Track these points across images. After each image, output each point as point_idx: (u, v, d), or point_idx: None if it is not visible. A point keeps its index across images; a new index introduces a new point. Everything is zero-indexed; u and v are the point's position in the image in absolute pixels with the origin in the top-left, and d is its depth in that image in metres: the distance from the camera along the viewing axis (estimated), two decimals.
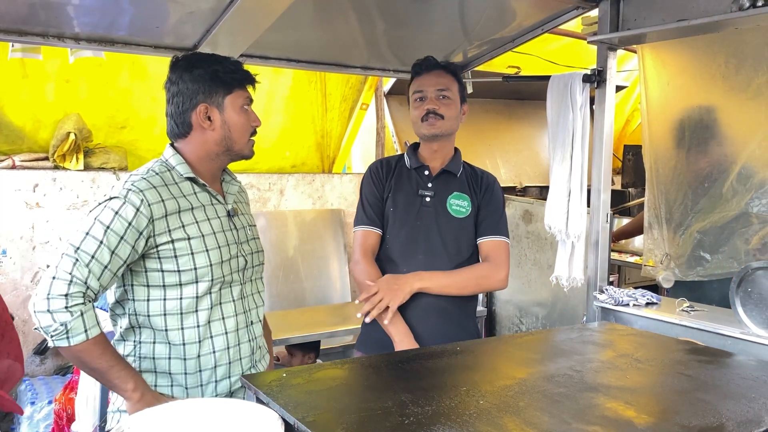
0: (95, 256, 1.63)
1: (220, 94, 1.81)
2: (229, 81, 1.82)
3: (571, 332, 2.15)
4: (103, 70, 3.90)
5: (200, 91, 1.79)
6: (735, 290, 2.13)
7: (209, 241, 1.79)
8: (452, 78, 2.29)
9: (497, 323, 3.89)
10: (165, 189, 1.76)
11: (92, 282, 1.62)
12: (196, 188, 1.84)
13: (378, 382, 1.61)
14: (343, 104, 4.90)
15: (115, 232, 1.65)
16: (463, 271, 2.23)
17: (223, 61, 1.84)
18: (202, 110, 1.80)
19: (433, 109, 2.23)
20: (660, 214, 2.59)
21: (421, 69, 2.29)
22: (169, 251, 1.73)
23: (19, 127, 3.82)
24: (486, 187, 2.33)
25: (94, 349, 1.63)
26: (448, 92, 2.25)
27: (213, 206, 1.85)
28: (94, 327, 1.62)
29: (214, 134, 1.83)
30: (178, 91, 1.81)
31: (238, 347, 1.88)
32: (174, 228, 1.74)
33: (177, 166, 1.82)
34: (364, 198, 2.34)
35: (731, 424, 1.38)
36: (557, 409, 1.43)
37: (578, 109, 2.63)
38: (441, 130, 2.25)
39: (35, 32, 2.37)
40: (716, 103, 2.52)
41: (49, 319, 1.58)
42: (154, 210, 1.70)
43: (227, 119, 1.83)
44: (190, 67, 1.81)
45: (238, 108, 1.84)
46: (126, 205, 1.67)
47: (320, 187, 4.77)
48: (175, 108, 1.82)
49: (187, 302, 1.77)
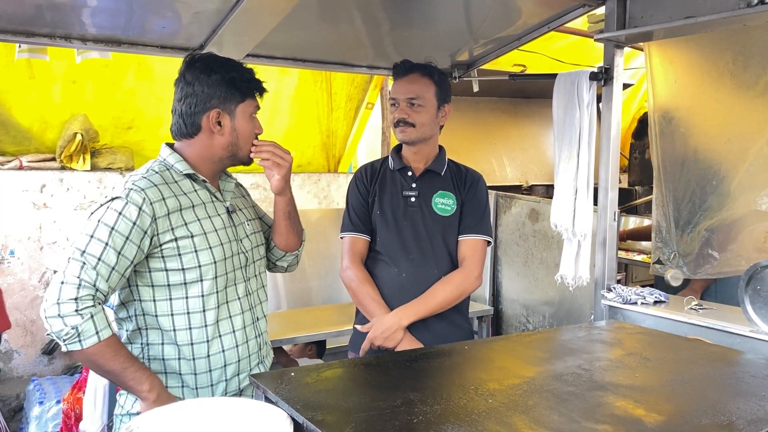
0: (102, 259, 1.63)
1: (233, 102, 1.83)
2: (245, 90, 1.84)
3: (579, 331, 2.15)
4: (109, 70, 3.91)
5: (215, 96, 1.80)
6: (744, 288, 2.11)
7: (212, 238, 1.79)
8: (429, 81, 2.29)
9: (504, 322, 3.88)
10: (166, 187, 1.76)
11: (101, 284, 1.63)
12: (196, 186, 1.84)
13: (386, 381, 1.61)
14: (348, 104, 4.90)
15: (119, 232, 1.65)
16: (443, 287, 2.25)
17: (240, 69, 1.86)
18: (214, 115, 1.81)
19: (403, 118, 2.26)
20: (668, 212, 2.58)
21: (396, 73, 2.32)
22: (173, 249, 1.74)
23: (26, 128, 3.83)
24: (470, 185, 2.35)
25: (107, 351, 1.64)
26: (419, 99, 2.26)
27: (213, 204, 1.86)
28: (105, 329, 1.63)
29: (222, 139, 1.84)
30: (192, 92, 1.81)
31: (246, 344, 1.88)
32: (177, 226, 1.74)
33: (175, 164, 1.82)
34: (350, 204, 2.38)
35: (741, 422, 1.37)
36: (566, 407, 1.42)
37: (585, 107, 2.62)
38: (411, 138, 2.29)
39: (42, 33, 2.38)
40: (724, 100, 2.51)
41: (61, 324, 1.58)
42: (156, 208, 1.71)
43: (237, 126, 1.84)
44: (209, 70, 1.81)
45: (248, 116, 1.86)
46: (129, 205, 1.68)
47: (326, 187, 4.78)
48: (186, 108, 1.82)
49: (193, 302, 1.77)
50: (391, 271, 2.29)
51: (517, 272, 3.77)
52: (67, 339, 1.59)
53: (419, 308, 2.20)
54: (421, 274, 2.27)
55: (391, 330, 2.16)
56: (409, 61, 2.31)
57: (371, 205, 2.35)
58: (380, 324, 2.18)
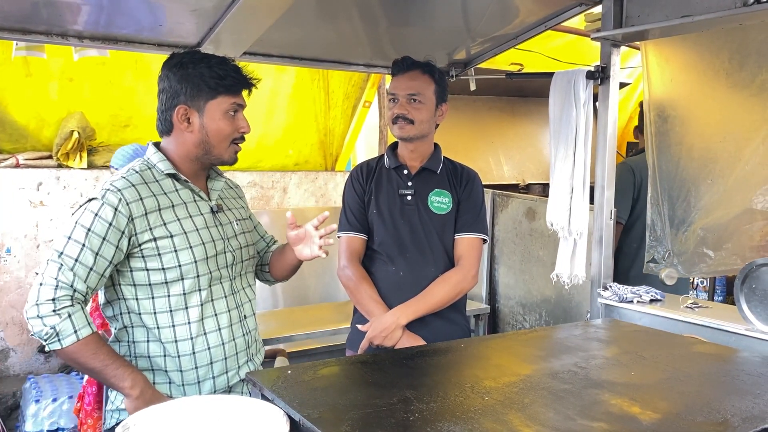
0: (79, 260, 1.64)
1: (202, 98, 1.79)
2: (214, 86, 1.79)
3: (575, 329, 2.15)
4: (106, 68, 3.90)
5: (182, 92, 1.78)
6: (739, 287, 2.12)
7: (192, 237, 1.79)
8: (429, 79, 2.29)
9: (500, 320, 3.89)
10: (144, 187, 1.76)
11: (78, 285, 1.64)
12: (178, 185, 1.83)
13: (383, 379, 1.61)
14: (345, 102, 4.89)
15: (96, 233, 1.66)
16: (440, 286, 2.25)
17: (214, 65, 1.80)
18: (181, 111, 1.79)
19: (403, 113, 2.25)
20: (663, 210, 2.59)
21: (396, 69, 2.31)
22: (152, 249, 1.74)
23: (22, 125, 3.82)
24: (466, 183, 2.36)
25: (86, 350, 1.65)
26: (419, 96, 2.26)
27: (195, 203, 1.85)
28: (84, 327, 1.64)
29: (192, 137, 1.82)
30: (163, 88, 1.81)
31: (233, 342, 1.89)
32: (155, 226, 1.74)
33: (158, 164, 1.82)
34: (346, 204, 2.38)
35: (736, 420, 1.38)
36: (562, 405, 1.43)
37: (581, 105, 2.62)
38: (409, 135, 2.28)
39: (39, 30, 2.38)
40: (720, 99, 2.52)
41: (40, 324, 1.61)
42: (132, 208, 1.70)
43: (206, 124, 1.80)
44: (180, 66, 1.79)
45: (221, 114, 1.81)
46: (104, 206, 1.68)
47: (323, 185, 4.78)
48: (160, 104, 1.82)
49: (175, 299, 1.78)
50: (389, 269, 2.29)
51: (513, 270, 3.77)
52: (47, 338, 1.62)
53: (418, 307, 2.21)
54: (419, 272, 2.27)
55: (389, 329, 2.16)
56: (411, 58, 2.31)
57: (368, 204, 2.35)
58: (379, 323, 2.18)
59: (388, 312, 2.20)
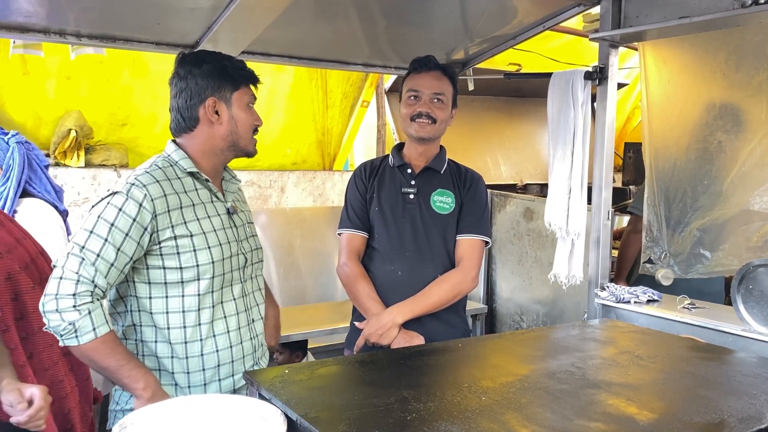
0: (101, 255, 1.63)
1: (228, 89, 1.83)
2: (237, 77, 1.85)
3: (572, 329, 2.16)
4: (104, 67, 3.89)
5: (209, 86, 1.81)
6: (736, 288, 2.13)
7: (211, 238, 1.79)
8: (449, 82, 2.30)
9: (498, 321, 3.89)
10: (168, 183, 1.76)
11: (99, 280, 1.63)
12: (197, 184, 1.84)
13: (380, 379, 1.61)
14: (344, 101, 4.89)
15: (119, 229, 1.65)
16: (439, 287, 2.25)
17: (231, 59, 1.88)
18: (210, 104, 1.81)
19: (427, 111, 2.24)
20: (660, 211, 2.59)
21: (420, 67, 2.30)
22: (172, 248, 1.73)
23: (20, 124, 3.81)
24: (470, 185, 2.35)
25: (103, 348, 1.63)
26: (443, 96, 2.26)
27: (213, 204, 1.85)
28: (102, 325, 1.63)
29: (221, 128, 1.84)
30: (186, 86, 1.81)
31: (241, 345, 1.88)
32: (177, 224, 1.74)
33: (180, 161, 1.82)
34: (348, 201, 2.38)
35: (733, 420, 1.38)
36: (559, 405, 1.43)
37: (579, 106, 2.63)
38: (430, 134, 2.28)
39: (37, 29, 2.38)
40: (717, 100, 2.52)
41: (59, 319, 1.58)
42: (157, 205, 1.70)
43: (234, 114, 1.84)
44: (199, 62, 1.82)
45: (245, 105, 1.87)
46: (129, 201, 1.67)
47: (321, 185, 4.77)
48: (182, 102, 1.82)
49: (189, 300, 1.77)
50: (388, 268, 2.28)
51: (511, 271, 3.78)
52: (64, 334, 1.60)
53: (415, 306, 2.20)
54: (418, 272, 2.27)
55: (385, 327, 2.16)
56: (435, 58, 2.31)
57: (369, 202, 2.34)
58: (375, 321, 2.18)
59: (385, 310, 2.20)
